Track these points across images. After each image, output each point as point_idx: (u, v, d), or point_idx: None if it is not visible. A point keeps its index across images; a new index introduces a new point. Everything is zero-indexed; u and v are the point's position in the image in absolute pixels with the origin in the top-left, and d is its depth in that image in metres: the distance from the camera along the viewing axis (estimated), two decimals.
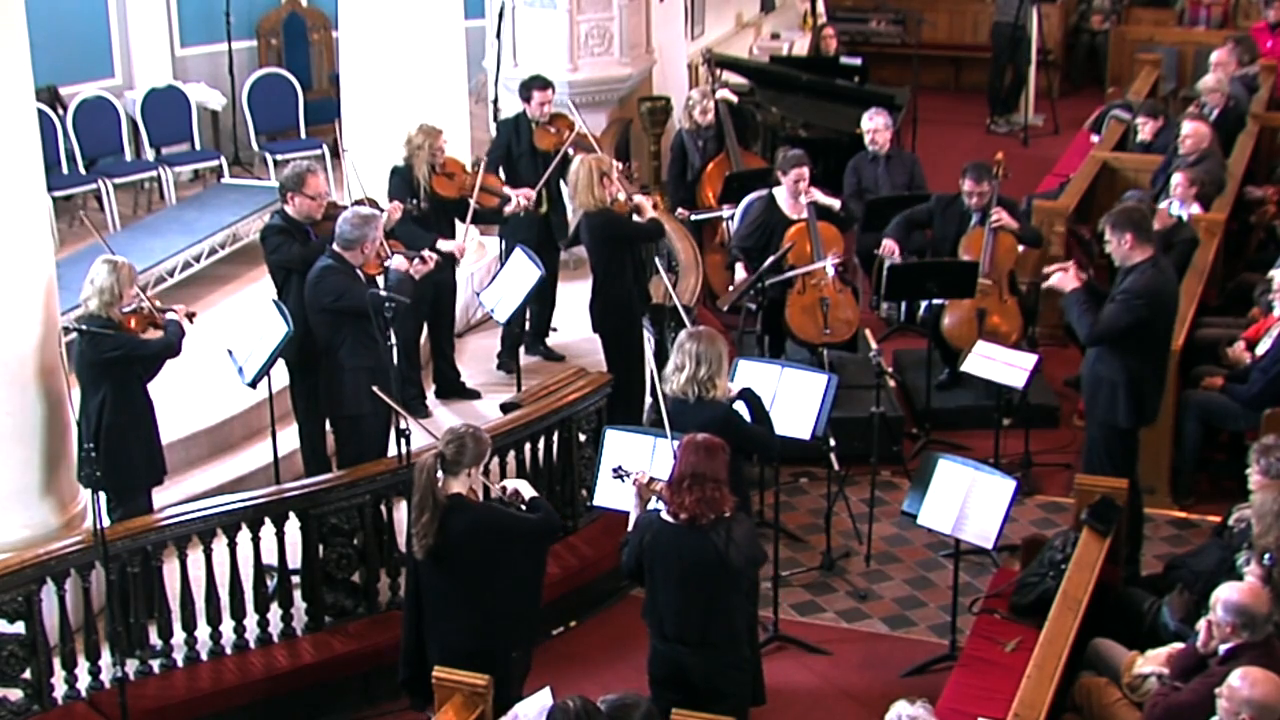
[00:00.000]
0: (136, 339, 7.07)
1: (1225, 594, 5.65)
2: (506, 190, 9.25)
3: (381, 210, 8.36)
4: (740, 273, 9.34)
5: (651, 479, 6.02)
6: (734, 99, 11.69)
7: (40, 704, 6.65)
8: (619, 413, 8.15)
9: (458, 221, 9.08)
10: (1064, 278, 7.69)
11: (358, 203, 8.32)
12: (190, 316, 7.41)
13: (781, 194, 9.35)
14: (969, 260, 9.23)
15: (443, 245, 8.69)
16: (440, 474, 5.94)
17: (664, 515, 5.77)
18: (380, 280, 7.77)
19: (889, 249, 9.36)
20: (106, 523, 6.57)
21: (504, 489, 6.23)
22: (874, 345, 8.73)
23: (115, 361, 7.00)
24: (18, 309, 7.00)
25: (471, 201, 9.00)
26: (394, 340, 7.71)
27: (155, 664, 6.99)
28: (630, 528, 6.01)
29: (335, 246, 7.56)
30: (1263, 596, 5.67)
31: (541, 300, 9.70)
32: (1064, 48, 16.86)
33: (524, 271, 8.77)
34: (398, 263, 7.78)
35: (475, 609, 5.98)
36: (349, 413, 7.57)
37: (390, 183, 8.91)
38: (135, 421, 7.12)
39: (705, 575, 5.69)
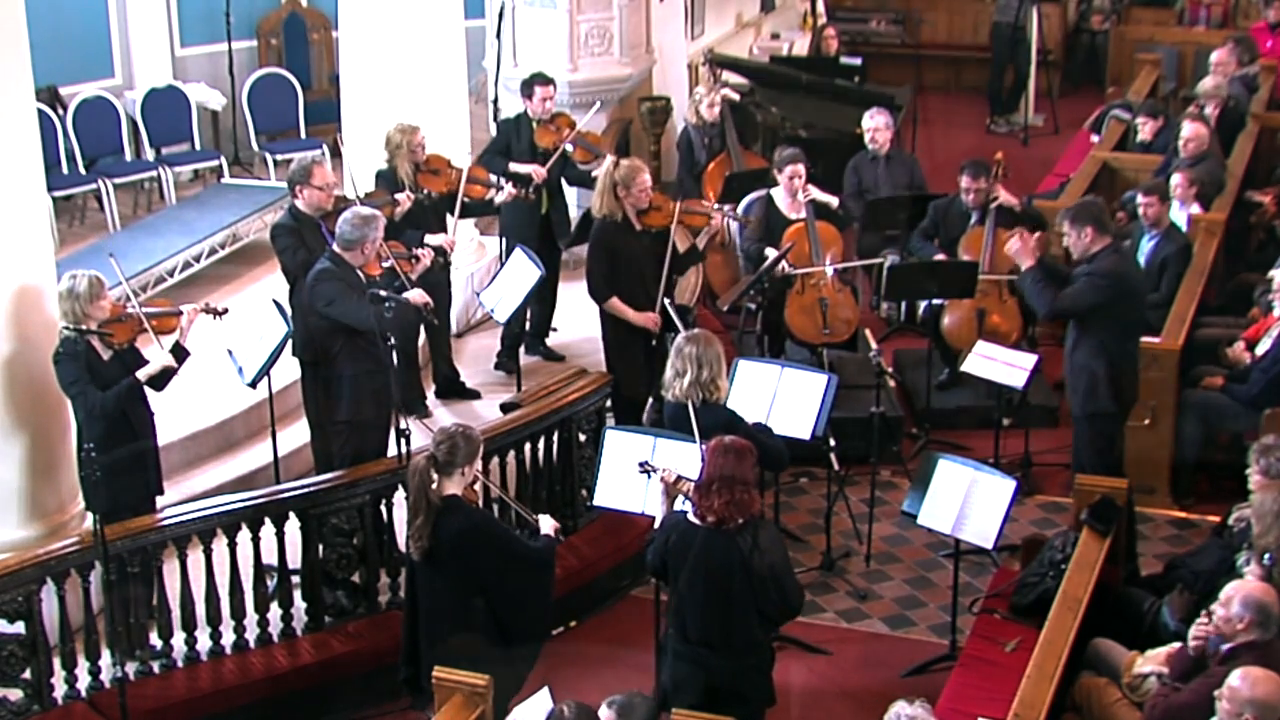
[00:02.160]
0: (81, 387, 6.77)
1: (1245, 589, 5.61)
2: (493, 178, 9.22)
3: (397, 203, 8.36)
4: (771, 254, 9.18)
5: (679, 477, 6.00)
6: (735, 97, 11.68)
7: (40, 704, 6.65)
8: (619, 416, 8.14)
9: (448, 216, 9.00)
10: (1020, 247, 7.83)
11: (367, 196, 8.30)
12: (214, 313, 7.28)
13: (779, 194, 9.35)
14: (969, 260, 9.24)
15: (430, 240, 8.55)
16: (434, 475, 5.94)
17: (690, 517, 5.74)
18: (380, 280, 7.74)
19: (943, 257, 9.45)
20: None
21: (537, 520, 6.30)
22: (874, 345, 8.71)
23: (69, 396, 6.92)
24: (17, 309, 6.98)
25: (460, 194, 8.98)
26: (393, 340, 7.68)
27: (155, 664, 6.98)
28: (656, 526, 6.00)
29: (335, 247, 7.52)
30: (1275, 595, 5.66)
31: (541, 300, 9.68)
32: (1064, 48, 16.85)
33: (524, 271, 8.76)
34: (415, 295, 7.61)
35: (466, 611, 5.97)
36: (347, 418, 7.53)
37: (377, 186, 8.84)
38: (108, 450, 6.77)
39: (729, 579, 5.66)
